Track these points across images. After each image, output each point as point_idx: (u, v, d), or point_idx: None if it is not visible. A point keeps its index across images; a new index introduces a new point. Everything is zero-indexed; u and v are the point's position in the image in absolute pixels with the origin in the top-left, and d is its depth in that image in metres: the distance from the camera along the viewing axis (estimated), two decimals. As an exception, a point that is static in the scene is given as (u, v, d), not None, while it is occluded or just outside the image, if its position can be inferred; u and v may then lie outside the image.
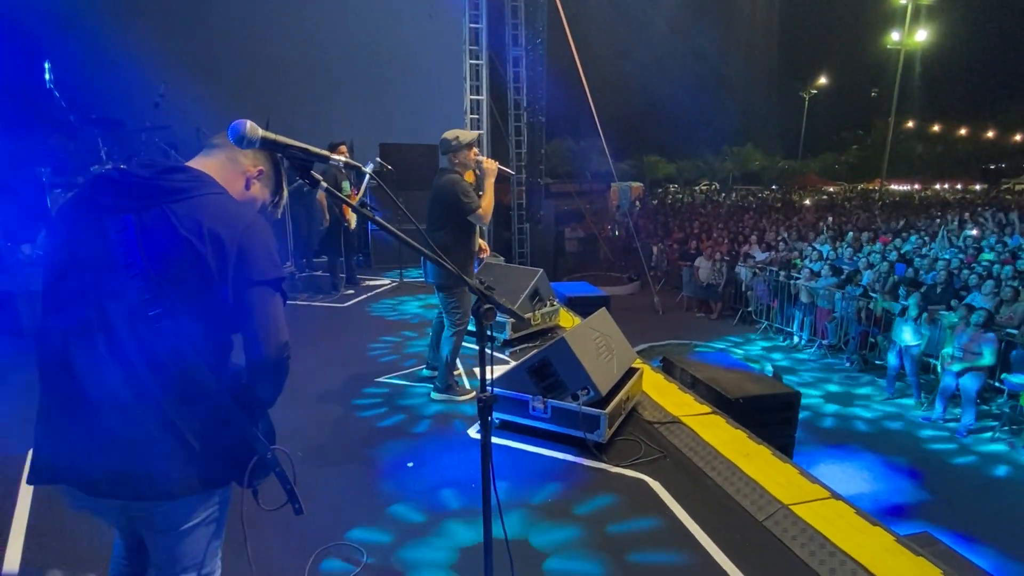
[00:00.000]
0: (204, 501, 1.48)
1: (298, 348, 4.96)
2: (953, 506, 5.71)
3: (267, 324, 1.40)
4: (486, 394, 1.64)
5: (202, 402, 1.39)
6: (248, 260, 1.38)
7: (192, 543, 1.50)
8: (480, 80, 10.10)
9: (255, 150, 1.52)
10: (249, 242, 1.39)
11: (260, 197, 1.62)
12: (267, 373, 1.45)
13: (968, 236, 13.53)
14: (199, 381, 1.37)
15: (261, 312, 1.40)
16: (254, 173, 1.58)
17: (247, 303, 1.38)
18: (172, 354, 1.35)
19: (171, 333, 1.34)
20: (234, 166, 1.54)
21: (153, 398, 1.35)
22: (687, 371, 4.93)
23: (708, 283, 12.36)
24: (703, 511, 2.92)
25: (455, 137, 3.83)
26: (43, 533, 2.62)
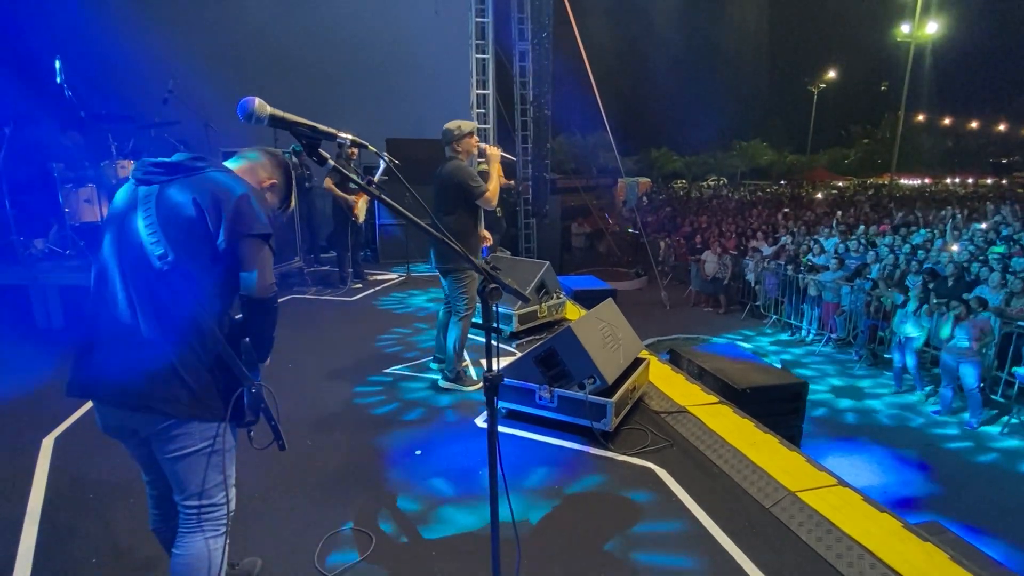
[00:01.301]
0: (198, 430, 1.72)
1: (307, 340, 5.02)
2: (963, 498, 5.68)
3: (257, 267, 1.70)
4: (492, 373, 1.65)
5: (197, 341, 1.66)
6: (240, 218, 1.68)
7: (191, 470, 1.74)
8: (486, 75, 10.09)
9: (274, 165, 1.96)
10: (242, 204, 1.69)
11: (268, 203, 1.94)
12: (258, 310, 1.75)
13: (977, 229, 13.39)
14: (197, 323, 1.66)
15: (252, 258, 1.70)
16: (267, 184, 1.95)
17: (241, 251, 1.69)
18: (174, 298, 1.65)
19: (176, 280, 1.65)
20: (252, 176, 1.91)
21: (155, 333, 1.64)
22: (694, 362, 4.93)
23: (714, 277, 12.32)
24: (710, 498, 2.93)
25: (457, 127, 3.94)
26: (57, 523, 2.67)
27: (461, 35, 9.96)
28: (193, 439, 1.71)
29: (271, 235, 1.75)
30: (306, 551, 2.49)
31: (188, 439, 1.71)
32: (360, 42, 9.50)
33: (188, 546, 1.77)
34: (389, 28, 9.68)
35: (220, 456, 1.78)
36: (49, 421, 3.53)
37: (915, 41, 30.58)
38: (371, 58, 9.60)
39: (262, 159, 1.99)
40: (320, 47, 9.32)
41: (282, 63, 8.80)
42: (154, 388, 1.64)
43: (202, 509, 1.78)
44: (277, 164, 2.01)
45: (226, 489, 1.84)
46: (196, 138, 7.86)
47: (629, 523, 2.74)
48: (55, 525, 2.62)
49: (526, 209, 11.70)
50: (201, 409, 1.69)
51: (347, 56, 9.46)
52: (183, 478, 1.75)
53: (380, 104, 9.38)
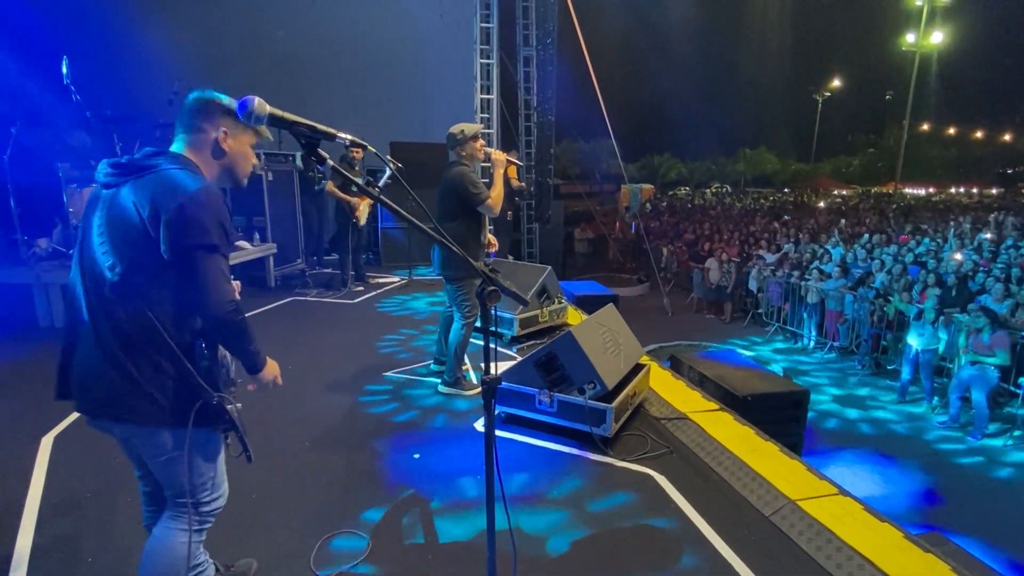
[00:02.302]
0: (170, 437, 1.70)
1: (307, 342, 5.01)
2: (965, 510, 5.64)
3: (206, 284, 1.59)
4: (490, 376, 1.64)
5: (154, 352, 1.62)
6: (182, 228, 1.56)
7: (173, 472, 1.75)
8: (491, 79, 10.13)
9: (212, 117, 1.77)
10: (188, 211, 1.57)
11: (239, 150, 1.83)
12: (218, 329, 1.67)
13: (983, 239, 13.35)
14: (152, 334, 1.61)
15: (199, 274, 1.59)
16: (220, 134, 1.78)
17: (188, 266, 1.59)
18: (126, 308, 1.60)
19: (126, 291, 1.61)
20: (201, 137, 1.77)
21: (112, 342, 1.62)
22: (695, 368, 4.91)
23: (718, 285, 12.30)
24: (709, 506, 2.91)
25: (460, 131, 3.92)
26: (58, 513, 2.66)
27: (466, 40, 10.01)
28: (167, 445, 1.71)
29: (219, 245, 1.62)
30: (302, 554, 2.48)
31: (163, 445, 1.71)
32: (365, 46, 9.56)
33: (167, 532, 1.82)
34: (394, 32, 9.74)
35: (202, 461, 1.78)
36: (48, 420, 3.53)
37: (920, 50, 30.61)
38: (376, 62, 9.65)
39: (201, 110, 1.78)
40: (326, 50, 9.37)
41: (287, 66, 8.85)
42: (119, 397, 1.64)
43: (190, 505, 1.80)
44: (205, 111, 1.78)
45: (211, 488, 1.85)
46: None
47: (628, 530, 2.72)
48: (53, 524, 2.61)
49: (529, 214, 11.71)
50: (169, 416, 1.67)
51: (352, 59, 9.52)
52: (167, 478, 1.78)
53: (385, 107, 9.44)
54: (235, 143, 1.82)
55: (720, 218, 20.88)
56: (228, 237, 1.68)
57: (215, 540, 2.53)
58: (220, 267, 1.62)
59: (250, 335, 1.74)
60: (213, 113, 1.79)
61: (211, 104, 1.80)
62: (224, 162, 1.82)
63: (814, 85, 48.55)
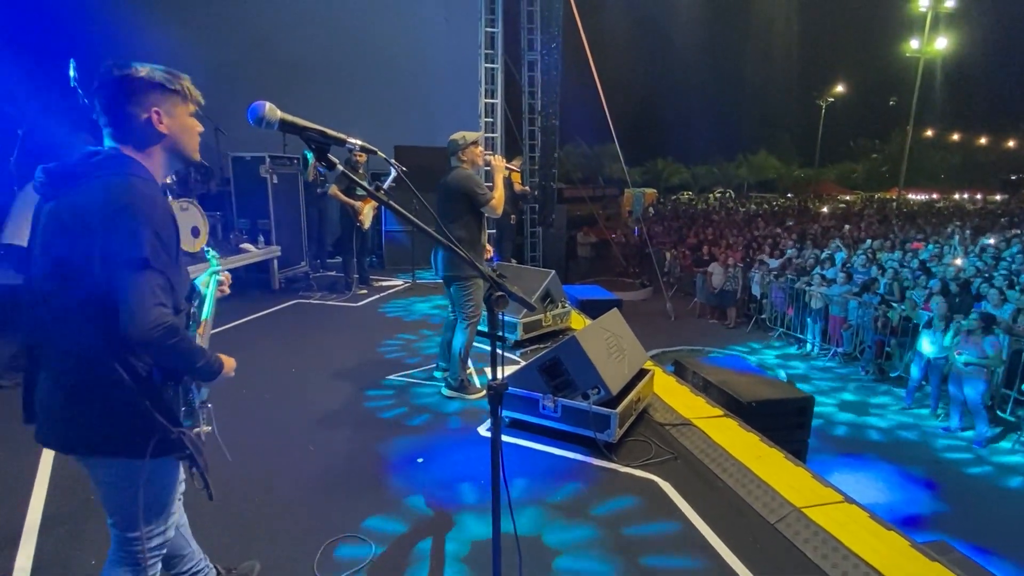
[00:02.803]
0: (112, 465, 1.58)
1: (311, 345, 5.02)
2: (970, 517, 5.60)
3: (128, 304, 1.41)
4: (497, 381, 1.64)
5: (91, 377, 1.49)
6: (114, 241, 1.41)
7: (114, 502, 1.63)
8: (495, 84, 10.14)
9: (135, 97, 1.54)
10: (118, 223, 1.42)
11: (179, 125, 1.61)
12: (145, 351, 1.49)
13: (985, 244, 13.33)
14: (90, 358, 1.48)
15: (124, 292, 1.41)
16: (151, 115, 1.55)
17: (114, 283, 1.42)
18: (61, 330, 1.49)
19: (62, 309, 1.48)
20: (130, 124, 1.55)
21: (52, 364, 1.53)
22: (699, 374, 4.90)
23: (721, 289, 12.28)
24: (714, 513, 2.89)
25: (461, 137, 4.01)
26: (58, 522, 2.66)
27: (471, 44, 10.03)
28: (119, 474, 1.58)
29: (147, 260, 1.42)
30: (306, 557, 2.47)
31: (103, 473, 1.60)
32: (370, 50, 9.60)
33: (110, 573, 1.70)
34: (399, 36, 9.78)
35: (151, 496, 1.63)
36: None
37: (924, 56, 30.58)
38: (381, 66, 9.69)
39: (120, 92, 1.53)
40: (331, 54, 9.41)
41: (293, 70, 8.89)
42: (68, 427, 1.53)
43: (123, 540, 1.67)
44: (128, 92, 1.53)
45: (160, 521, 1.70)
46: (205, 142, 7.91)
47: (631, 536, 2.71)
48: (57, 526, 2.61)
49: (532, 218, 11.72)
50: (123, 448, 1.54)
51: (357, 64, 9.56)
52: (106, 505, 1.66)
53: (389, 111, 9.47)
54: (172, 120, 1.59)
55: (723, 223, 20.87)
56: (166, 249, 1.47)
57: (218, 544, 2.53)
58: (149, 284, 1.42)
59: (193, 355, 1.55)
60: (135, 91, 1.54)
61: (130, 82, 1.53)
62: (166, 145, 1.60)
63: (818, 90, 48.55)
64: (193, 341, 1.58)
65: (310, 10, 9.59)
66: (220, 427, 1.77)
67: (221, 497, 2.82)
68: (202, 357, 1.58)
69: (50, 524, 2.63)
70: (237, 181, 7.60)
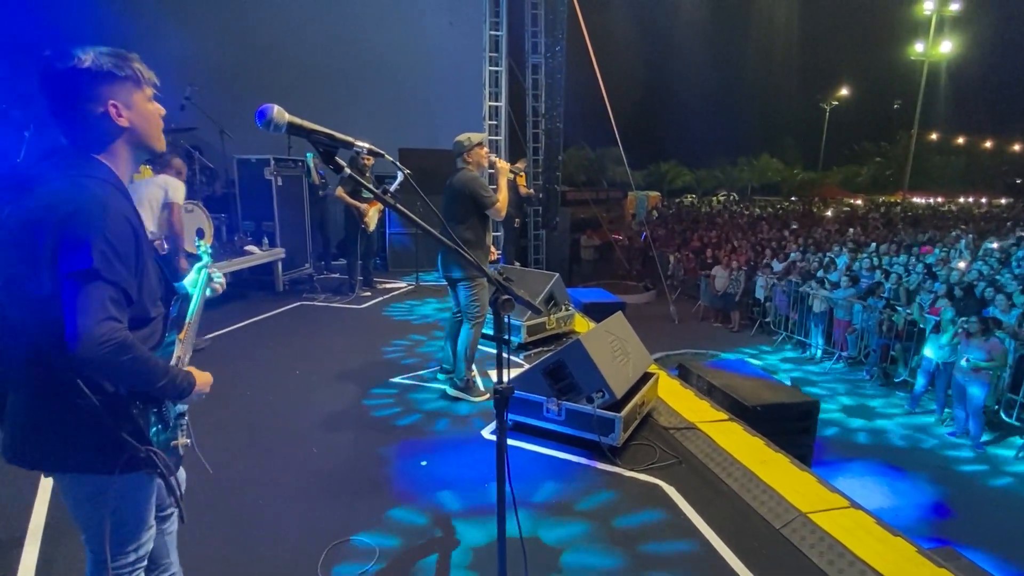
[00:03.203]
0: (78, 482, 1.52)
1: (314, 347, 5.01)
2: (976, 523, 5.57)
3: (73, 316, 1.29)
4: (503, 385, 1.63)
5: (51, 392, 1.41)
6: (62, 250, 1.31)
7: (84, 519, 1.56)
8: (499, 87, 10.15)
9: (87, 91, 1.40)
10: (65, 230, 1.31)
11: (139, 114, 1.47)
12: (92, 369, 1.35)
13: (990, 248, 13.28)
14: (57, 383, 1.38)
15: (69, 305, 1.30)
16: (108, 108, 1.42)
17: (62, 295, 1.32)
18: (16, 343, 1.40)
19: (17, 322, 1.40)
20: (86, 120, 1.42)
21: (20, 388, 1.45)
22: (704, 378, 4.88)
23: (725, 292, 12.25)
24: (719, 517, 2.88)
25: (466, 138, 4.02)
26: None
27: (475, 47, 10.04)
28: (87, 491, 1.51)
29: (96, 271, 1.30)
30: (309, 560, 2.47)
31: (73, 489, 1.53)
32: (374, 53, 9.61)
33: None
34: (404, 39, 9.79)
35: (122, 515, 1.55)
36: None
37: (929, 60, 30.52)
38: (385, 69, 9.70)
39: (71, 88, 1.39)
40: (335, 57, 9.43)
41: (297, 72, 8.91)
42: (19, 439, 1.46)
43: (97, 556, 1.58)
44: (77, 88, 1.40)
45: (134, 538, 1.62)
46: (211, 144, 7.95)
47: (636, 541, 2.70)
48: (62, 530, 2.61)
49: (536, 220, 11.72)
50: (75, 464, 1.47)
51: (361, 66, 9.57)
52: (78, 521, 1.58)
53: (393, 114, 9.47)
54: (131, 112, 1.46)
55: (727, 226, 20.83)
56: (120, 256, 1.34)
57: (220, 547, 2.53)
58: (98, 296, 1.30)
59: (151, 374, 1.42)
60: (85, 85, 1.40)
61: (77, 75, 1.38)
62: (128, 139, 1.48)
63: (822, 94, 48.48)
64: (152, 358, 1.43)
65: (315, 14, 9.62)
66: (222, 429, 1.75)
67: (223, 500, 2.83)
68: (163, 376, 1.43)
69: (54, 528, 2.63)
70: (242, 183, 7.63)
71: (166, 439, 1.53)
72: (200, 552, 2.45)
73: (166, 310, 1.62)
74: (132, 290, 1.39)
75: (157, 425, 1.51)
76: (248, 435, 3.57)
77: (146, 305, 1.49)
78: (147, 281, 1.48)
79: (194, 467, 1.65)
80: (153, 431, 1.49)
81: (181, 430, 1.58)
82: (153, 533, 1.69)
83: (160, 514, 1.76)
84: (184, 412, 1.60)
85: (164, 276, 1.62)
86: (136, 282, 1.41)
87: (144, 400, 1.47)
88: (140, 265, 1.43)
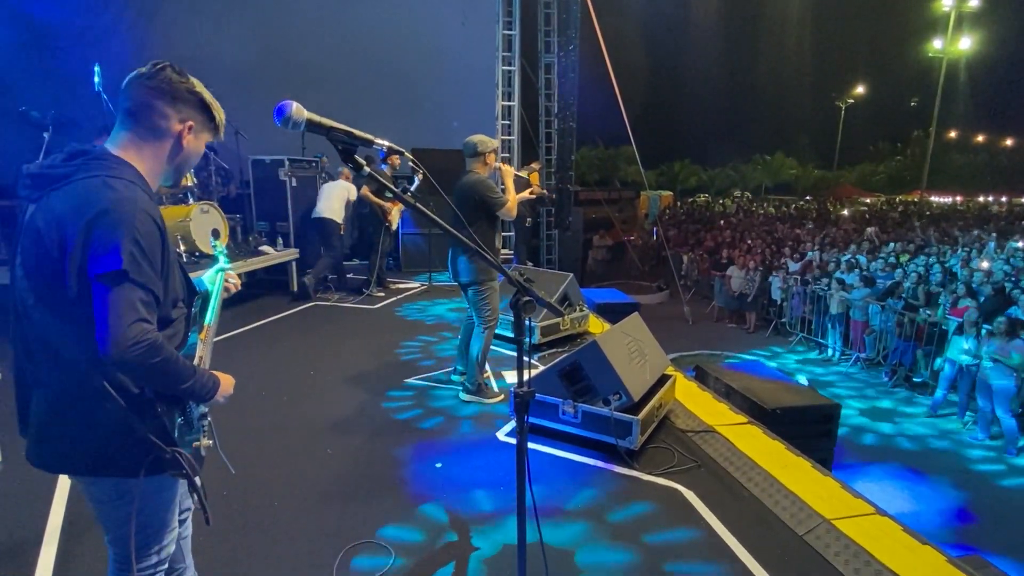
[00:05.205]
0: (104, 485, 1.51)
1: (328, 347, 5.01)
2: (1001, 528, 5.44)
3: (104, 319, 1.29)
4: (523, 389, 1.60)
5: (78, 394, 1.40)
6: (91, 251, 1.30)
7: (109, 520, 1.56)
8: (512, 86, 10.13)
9: (180, 105, 1.48)
10: (94, 231, 1.30)
11: (195, 149, 1.55)
12: (123, 371, 1.37)
13: (1014, 247, 13.01)
14: (83, 384, 1.38)
15: (100, 308, 1.30)
16: (184, 128, 1.49)
17: (92, 297, 1.31)
18: (44, 344, 1.40)
19: (41, 324, 1.38)
20: (158, 127, 1.46)
21: (33, 380, 1.44)
22: (721, 380, 4.81)
23: (740, 293, 12.12)
24: (740, 523, 2.82)
25: (480, 141, 4.00)
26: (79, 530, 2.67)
27: (488, 47, 10.03)
28: (112, 494, 1.51)
29: (126, 272, 1.30)
30: (325, 563, 2.45)
31: (97, 491, 1.53)
32: (387, 53, 9.61)
33: None
34: (416, 39, 9.78)
35: (148, 516, 1.56)
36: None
37: (948, 56, 30.05)
38: (398, 68, 9.70)
39: (167, 92, 1.45)
40: (347, 58, 9.44)
41: (310, 72, 8.93)
42: (43, 441, 1.46)
43: (121, 557, 1.59)
44: (175, 96, 1.46)
45: (158, 539, 1.62)
46: (225, 145, 7.99)
47: (656, 546, 2.65)
48: (79, 529, 2.61)
49: (548, 221, 11.68)
50: (114, 469, 1.46)
51: (374, 66, 9.58)
52: (102, 523, 1.58)
53: (406, 114, 9.47)
54: (196, 140, 1.52)
55: (742, 225, 20.64)
56: (149, 258, 1.34)
57: (236, 549, 2.52)
58: (128, 299, 1.30)
59: (179, 375, 1.42)
60: (182, 99, 1.47)
61: (183, 88, 1.47)
62: (176, 159, 1.52)
63: (837, 92, 47.91)
64: (180, 359, 1.43)
65: (328, 14, 9.64)
66: (237, 430, 1.72)
67: (239, 500, 2.83)
68: (191, 377, 1.44)
69: (72, 528, 2.63)
70: (256, 184, 7.66)
71: (190, 440, 1.53)
72: (215, 554, 2.44)
73: (188, 310, 1.62)
74: (159, 291, 1.39)
75: (182, 426, 1.51)
76: (263, 436, 3.56)
77: (169, 305, 1.49)
78: (171, 281, 1.48)
79: (209, 468, 1.64)
80: (177, 432, 1.48)
81: (204, 431, 1.57)
82: (176, 535, 1.69)
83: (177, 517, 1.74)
84: (207, 413, 1.60)
85: (185, 276, 1.61)
86: (162, 283, 1.41)
87: (169, 401, 1.46)
88: (165, 265, 1.43)
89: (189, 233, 5.68)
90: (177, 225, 5.62)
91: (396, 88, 9.71)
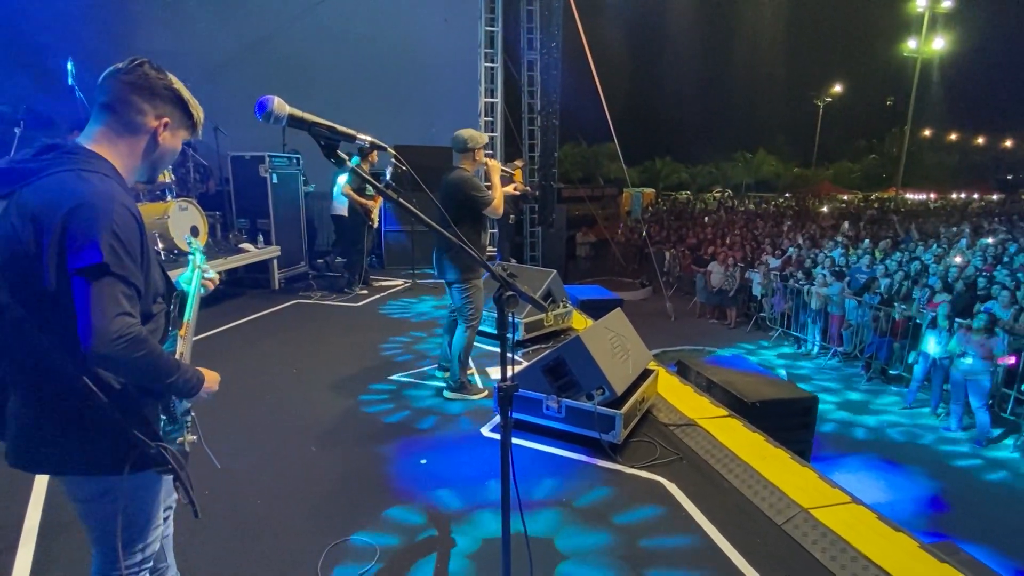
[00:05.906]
0: (83, 483, 1.49)
1: (311, 345, 4.98)
2: (973, 517, 5.60)
3: (85, 313, 1.27)
4: (507, 383, 1.61)
5: (70, 399, 1.38)
6: (69, 245, 1.28)
7: (93, 519, 1.53)
8: (495, 83, 10.13)
9: (157, 101, 1.46)
10: (71, 225, 1.28)
11: (171, 147, 1.53)
12: (107, 366, 1.34)
13: (985, 244, 13.35)
14: (52, 371, 1.37)
15: (81, 302, 1.27)
16: (160, 125, 1.47)
17: (72, 292, 1.28)
18: (27, 348, 1.36)
19: (18, 321, 1.35)
20: (133, 122, 1.44)
21: (21, 387, 1.41)
22: (702, 374, 4.88)
23: (720, 289, 12.27)
24: (721, 514, 2.87)
25: (470, 136, 3.97)
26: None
27: (470, 44, 10.01)
28: (94, 491, 1.49)
29: (107, 266, 1.27)
30: (309, 560, 2.45)
31: (80, 491, 1.50)
32: (369, 49, 9.55)
33: None
34: (398, 36, 9.73)
35: (131, 516, 1.53)
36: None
37: (922, 56, 30.66)
38: (380, 65, 9.64)
39: (143, 87, 1.44)
40: (329, 53, 9.36)
41: (291, 69, 8.84)
42: (24, 441, 1.43)
43: (104, 557, 1.57)
44: (152, 91, 1.45)
45: (141, 538, 1.59)
46: (205, 142, 7.88)
47: (639, 538, 2.69)
48: (56, 530, 2.58)
49: (532, 218, 11.70)
50: (96, 467, 1.44)
51: (356, 63, 9.51)
52: (85, 522, 1.55)
53: (388, 111, 9.41)
54: (172, 138, 1.51)
55: (723, 222, 20.87)
56: (129, 251, 1.32)
57: (220, 548, 2.50)
58: (110, 292, 1.28)
59: (163, 369, 1.39)
60: (160, 95, 1.46)
61: (160, 84, 1.45)
62: (151, 155, 1.50)
63: (815, 90, 48.58)
64: (164, 354, 1.41)
65: (308, 9, 9.54)
66: (220, 429, 1.71)
67: (223, 499, 2.81)
68: (175, 372, 1.42)
69: (49, 528, 2.59)
70: (236, 181, 7.56)
71: (174, 436, 1.52)
72: (198, 553, 2.42)
73: (167, 305, 1.60)
74: (140, 284, 1.38)
75: (165, 422, 1.49)
76: (246, 434, 3.54)
77: (150, 300, 1.48)
78: (151, 275, 1.46)
79: (192, 466, 1.63)
80: (161, 428, 1.47)
81: (188, 427, 1.56)
82: (160, 533, 1.67)
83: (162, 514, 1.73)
84: (190, 408, 1.58)
85: (164, 271, 1.59)
86: (143, 276, 1.39)
87: (152, 396, 1.45)
88: (145, 259, 1.41)
89: (167, 230, 5.59)
90: (155, 223, 5.53)
91: (378, 85, 9.65)
